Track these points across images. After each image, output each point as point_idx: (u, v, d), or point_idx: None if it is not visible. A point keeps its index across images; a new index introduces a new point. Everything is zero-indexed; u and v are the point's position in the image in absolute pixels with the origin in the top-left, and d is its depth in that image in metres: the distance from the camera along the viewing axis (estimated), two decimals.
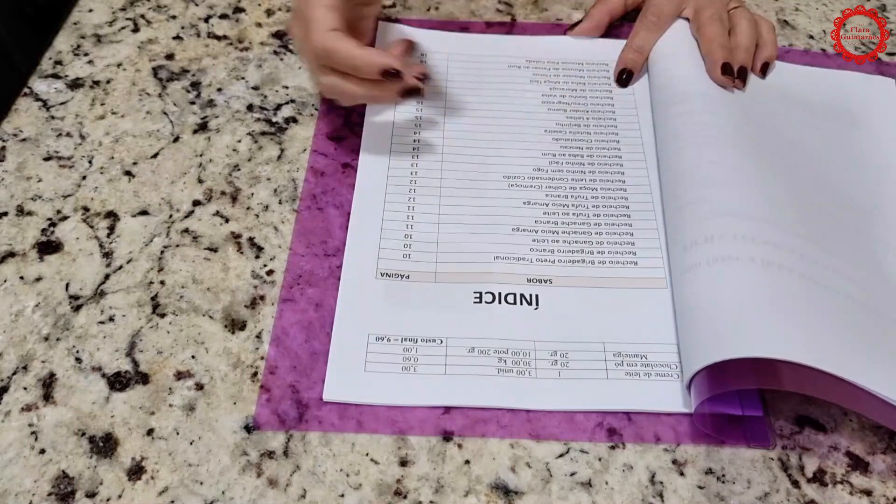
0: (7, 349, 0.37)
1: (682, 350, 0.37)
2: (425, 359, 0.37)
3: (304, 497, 0.33)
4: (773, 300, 0.35)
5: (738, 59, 0.46)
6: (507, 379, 0.36)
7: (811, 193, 0.42)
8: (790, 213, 0.39)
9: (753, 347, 0.33)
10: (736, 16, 0.48)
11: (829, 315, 0.35)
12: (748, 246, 0.36)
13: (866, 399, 0.32)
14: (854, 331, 0.35)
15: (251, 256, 0.41)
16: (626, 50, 0.49)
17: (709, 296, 0.36)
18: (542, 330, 0.38)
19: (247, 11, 0.54)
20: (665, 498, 0.33)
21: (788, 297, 0.35)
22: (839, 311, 0.35)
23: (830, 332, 0.34)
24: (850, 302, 0.36)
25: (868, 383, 0.32)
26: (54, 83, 0.49)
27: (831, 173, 0.44)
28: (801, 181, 0.42)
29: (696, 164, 0.42)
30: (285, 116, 0.47)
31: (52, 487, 0.33)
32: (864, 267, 0.39)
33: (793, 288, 0.35)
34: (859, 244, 0.40)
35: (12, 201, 0.43)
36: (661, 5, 0.49)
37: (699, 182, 0.41)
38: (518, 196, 0.44)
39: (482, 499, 0.33)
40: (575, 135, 0.47)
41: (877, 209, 0.43)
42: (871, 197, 0.43)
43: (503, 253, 0.41)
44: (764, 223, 0.38)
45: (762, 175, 0.41)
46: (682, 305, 0.37)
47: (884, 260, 0.40)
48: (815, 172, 0.44)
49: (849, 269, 0.38)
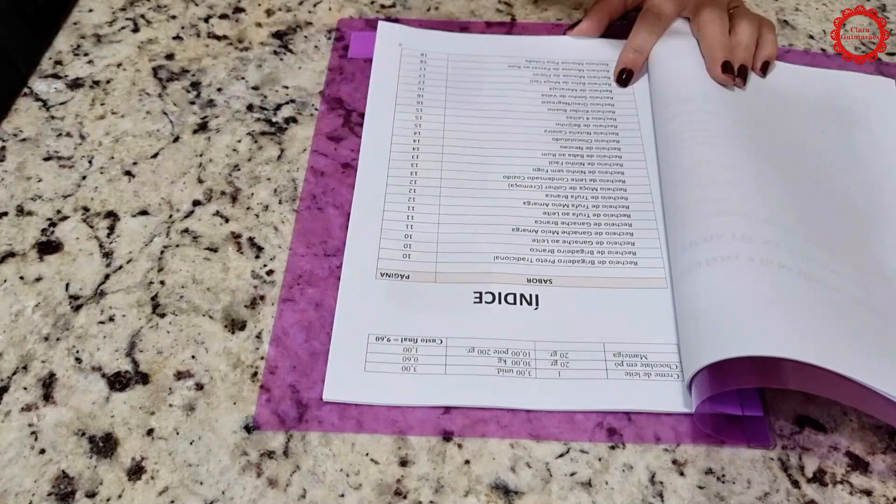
0: (7, 349, 0.37)
1: (682, 350, 0.37)
2: (425, 359, 0.37)
3: (304, 497, 0.33)
4: (772, 299, 0.35)
5: (738, 58, 0.46)
6: (506, 379, 0.36)
7: (811, 193, 0.42)
8: (790, 213, 0.39)
9: (753, 346, 0.33)
10: (736, 15, 0.48)
11: (829, 313, 0.35)
12: (747, 245, 0.36)
13: (868, 397, 0.32)
14: (854, 328, 0.35)
15: (251, 256, 0.41)
16: (626, 50, 0.49)
17: (708, 295, 0.36)
18: (542, 330, 0.38)
19: (247, 11, 0.54)
20: (665, 498, 0.33)
21: (788, 296, 0.35)
22: (839, 309, 0.35)
23: (831, 329, 0.34)
24: (850, 300, 0.36)
25: (869, 381, 0.32)
26: (54, 83, 0.49)
27: (831, 173, 0.44)
28: (801, 181, 0.42)
29: (695, 164, 0.42)
30: (285, 116, 0.47)
31: (52, 487, 0.33)
32: (863, 266, 0.39)
33: (792, 286, 0.35)
34: (859, 243, 0.40)
35: (12, 201, 0.43)
36: (662, 5, 0.49)
37: (699, 181, 0.41)
38: (518, 196, 0.44)
39: (482, 499, 0.33)
40: (575, 135, 0.47)
41: (876, 209, 0.43)
42: (871, 197, 0.43)
43: (503, 253, 0.41)
44: (763, 222, 0.38)
45: (762, 174, 0.41)
46: (682, 305, 0.37)
47: (883, 259, 0.40)
48: (814, 172, 0.44)
49: (848, 268, 0.38)
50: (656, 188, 0.44)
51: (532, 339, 0.38)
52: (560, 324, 0.38)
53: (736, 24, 0.48)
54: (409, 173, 0.45)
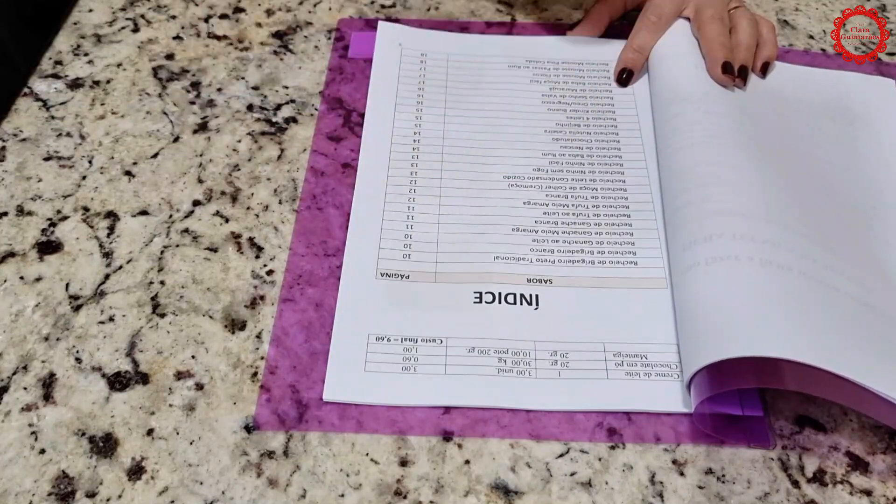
0: (7, 349, 0.37)
1: (681, 350, 0.37)
2: (425, 358, 0.37)
3: (304, 497, 0.33)
4: (772, 299, 0.35)
5: (738, 58, 0.46)
6: (506, 379, 0.36)
7: (811, 193, 0.42)
8: (790, 213, 0.39)
9: (753, 346, 0.33)
10: (736, 15, 0.48)
11: (828, 313, 0.35)
12: (748, 245, 0.36)
13: (867, 398, 0.32)
14: (854, 329, 0.35)
15: (251, 256, 0.41)
16: (626, 50, 0.49)
17: (708, 295, 0.36)
18: (542, 330, 0.38)
19: (247, 11, 0.54)
20: (665, 498, 0.33)
21: (787, 296, 0.35)
22: (839, 309, 0.35)
23: (831, 330, 0.34)
24: (850, 300, 0.36)
25: (869, 382, 0.32)
26: (54, 83, 0.49)
27: (831, 173, 0.44)
28: (801, 181, 0.42)
29: (695, 164, 0.42)
30: (285, 116, 0.47)
31: (52, 487, 0.33)
32: (863, 265, 0.39)
33: (792, 286, 0.35)
34: (860, 243, 0.40)
35: (12, 201, 0.43)
36: (662, 5, 0.49)
37: (698, 181, 0.41)
38: (518, 196, 0.44)
39: (482, 499, 0.33)
40: (575, 135, 0.47)
41: (876, 209, 0.43)
42: (871, 197, 0.43)
43: (503, 253, 0.41)
44: (763, 222, 0.38)
45: (762, 175, 0.41)
46: (682, 305, 0.37)
47: (883, 258, 0.40)
48: (815, 172, 0.44)
49: (849, 268, 0.38)
50: (656, 188, 0.44)
51: (532, 339, 0.38)
52: (560, 324, 0.38)
53: (736, 24, 0.48)
54: (408, 173, 0.45)
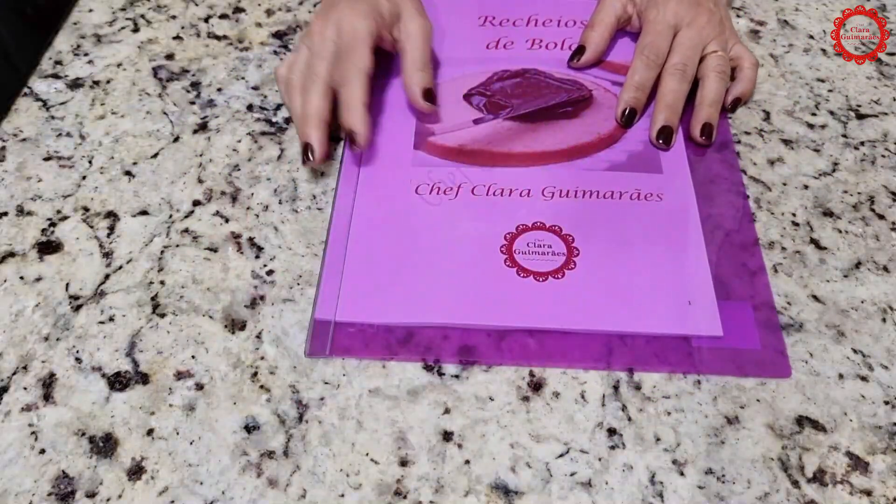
0: (7, 349, 0.37)
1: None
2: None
3: (304, 497, 0.33)
4: None
5: (699, 117, 0.46)
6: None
7: None
8: None
9: None
10: (705, 67, 0.47)
11: None
12: None
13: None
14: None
15: (251, 256, 0.41)
16: (626, 89, 0.47)
17: None
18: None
19: (247, 11, 0.54)
20: (665, 498, 0.33)
21: None
22: None
23: None
24: None
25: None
26: (54, 83, 0.49)
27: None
28: None
29: None
30: (285, 116, 0.47)
31: (52, 487, 0.33)
32: None
33: None
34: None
35: (12, 201, 0.43)
36: (657, 44, 0.47)
37: None
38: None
39: (482, 499, 0.33)
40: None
41: None
42: None
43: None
44: None
45: None
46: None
47: None
48: None
49: None
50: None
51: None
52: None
53: (704, 76, 0.47)
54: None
